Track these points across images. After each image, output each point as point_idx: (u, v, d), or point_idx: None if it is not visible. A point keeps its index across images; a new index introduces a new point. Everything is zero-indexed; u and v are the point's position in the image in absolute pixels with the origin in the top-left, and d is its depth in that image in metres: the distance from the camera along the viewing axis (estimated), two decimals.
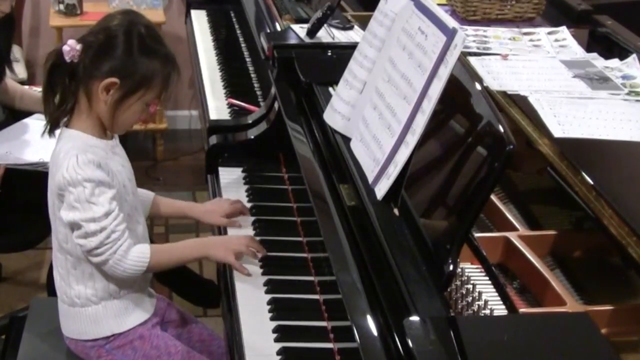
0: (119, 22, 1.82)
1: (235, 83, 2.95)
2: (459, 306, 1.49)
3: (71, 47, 1.79)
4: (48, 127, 1.87)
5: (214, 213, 2.14)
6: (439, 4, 1.68)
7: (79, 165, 1.77)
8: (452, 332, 1.28)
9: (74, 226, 1.81)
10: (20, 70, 3.91)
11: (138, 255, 1.85)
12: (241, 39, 3.30)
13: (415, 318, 1.32)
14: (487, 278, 1.53)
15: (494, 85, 1.92)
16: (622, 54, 2.13)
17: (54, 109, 1.85)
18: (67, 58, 1.79)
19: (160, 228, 3.64)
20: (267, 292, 1.89)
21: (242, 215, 2.14)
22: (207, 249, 1.97)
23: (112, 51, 1.79)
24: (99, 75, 1.79)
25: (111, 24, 1.82)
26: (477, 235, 1.61)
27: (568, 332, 1.32)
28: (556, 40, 2.23)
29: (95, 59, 1.79)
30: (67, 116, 1.86)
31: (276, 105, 2.34)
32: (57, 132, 1.88)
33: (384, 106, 1.70)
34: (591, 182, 1.53)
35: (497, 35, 2.26)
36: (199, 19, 3.55)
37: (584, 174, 1.56)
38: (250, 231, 2.11)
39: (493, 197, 1.76)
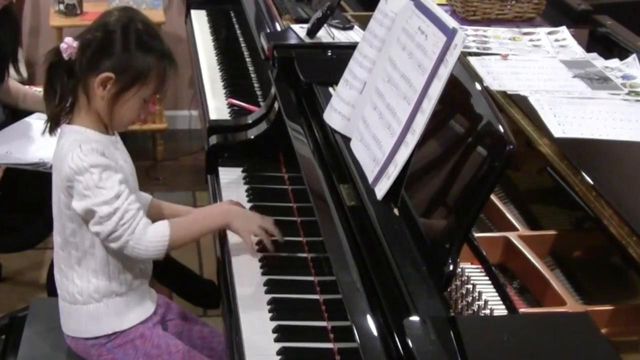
0: (117, 19, 1.83)
1: (235, 83, 2.95)
2: (459, 306, 1.49)
3: (68, 45, 1.80)
4: (49, 125, 1.87)
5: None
6: (439, 4, 1.68)
7: (84, 153, 1.78)
8: (452, 332, 1.28)
9: (87, 214, 1.80)
10: (21, 70, 3.92)
11: (157, 231, 1.83)
12: (241, 39, 3.30)
13: (415, 318, 1.32)
14: (487, 278, 1.53)
15: (494, 85, 1.92)
16: (622, 54, 2.13)
17: (55, 107, 1.85)
18: (65, 56, 1.80)
19: None
20: (267, 292, 1.89)
21: None
22: (229, 218, 1.95)
23: (109, 47, 1.80)
24: (95, 71, 1.80)
25: (108, 20, 1.83)
26: (477, 235, 1.61)
27: (568, 332, 1.32)
28: (556, 40, 2.23)
29: (92, 56, 1.80)
30: (67, 114, 1.86)
31: (276, 105, 2.34)
32: (58, 130, 1.89)
33: (384, 106, 1.70)
34: (591, 182, 1.53)
35: (497, 35, 2.26)
36: (199, 19, 3.55)
37: (584, 174, 1.56)
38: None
39: (493, 197, 1.76)
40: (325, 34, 2.28)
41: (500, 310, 1.46)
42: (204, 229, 1.98)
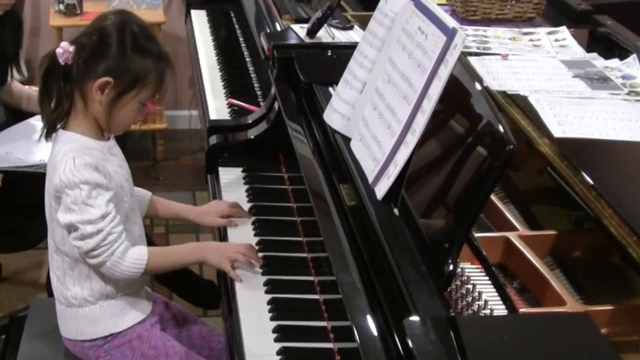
0: (112, 22, 1.82)
1: (235, 83, 2.95)
2: (459, 306, 1.49)
3: (64, 50, 1.79)
4: (45, 131, 1.87)
5: (209, 214, 2.14)
6: (439, 4, 1.68)
7: (76, 167, 1.77)
8: (452, 332, 1.28)
9: (70, 228, 1.81)
10: (22, 69, 3.91)
11: (136, 257, 1.85)
12: (241, 39, 3.30)
13: (415, 318, 1.32)
14: (487, 278, 1.53)
15: (494, 85, 1.92)
16: (622, 54, 2.13)
17: (51, 112, 1.84)
18: (61, 61, 1.79)
19: (160, 228, 3.64)
20: (267, 292, 1.89)
21: (240, 217, 2.14)
22: (203, 254, 1.96)
23: (106, 51, 1.79)
24: (93, 75, 1.79)
25: (104, 24, 1.82)
26: (477, 235, 1.61)
27: (568, 332, 1.32)
28: (556, 40, 2.23)
29: (89, 60, 1.79)
30: (63, 119, 1.85)
31: (276, 105, 2.34)
32: (54, 135, 1.88)
33: (384, 106, 1.70)
34: (591, 182, 1.53)
35: (497, 35, 2.26)
36: (199, 19, 3.55)
37: (584, 174, 1.56)
38: (249, 231, 2.11)
39: (493, 197, 1.76)
40: (325, 34, 2.28)
41: (500, 310, 1.46)
42: (178, 262, 2.00)
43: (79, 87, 1.81)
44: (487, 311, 1.46)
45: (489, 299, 1.48)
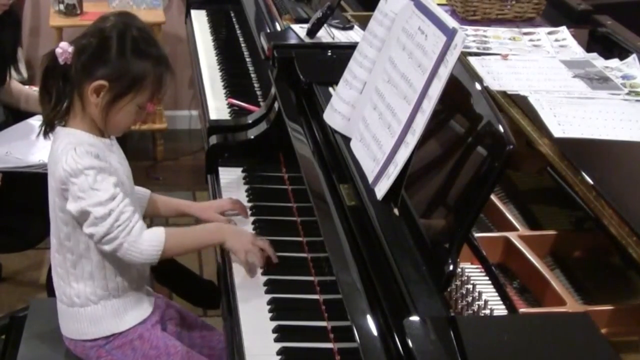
0: (112, 25, 1.81)
1: (235, 83, 2.95)
2: (459, 306, 1.49)
3: (63, 50, 1.79)
4: (43, 128, 1.87)
5: (211, 209, 2.14)
6: (439, 4, 1.68)
7: (78, 155, 1.77)
8: (452, 332, 1.28)
9: (82, 215, 1.79)
10: (21, 70, 3.92)
11: (153, 236, 1.82)
12: (241, 39, 3.30)
13: (415, 318, 1.32)
14: (487, 278, 1.53)
15: (494, 85, 1.92)
16: (622, 54, 2.13)
17: (49, 110, 1.85)
18: (60, 60, 1.79)
19: None
20: (267, 292, 1.89)
21: (240, 216, 2.14)
22: (224, 236, 1.93)
23: (105, 54, 1.79)
24: (90, 77, 1.79)
25: (104, 26, 1.82)
26: (477, 235, 1.61)
27: (568, 332, 1.32)
28: (556, 40, 2.23)
29: (87, 62, 1.79)
30: (62, 118, 1.86)
31: (276, 105, 2.34)
32: (53, 132, 1.88)
33: (384, 106, 1.70)
34: (591, 182, 1.53)
35: (497, 35, 2.26)
36: (199, 19, 3.55)
37: (584, 174, 1.56)
38: (249, 231, 2.10)
39: (493, 197, 1.76)
40: (325, 34, 2.28)
41: (500, 310, 1.46)
42: (198, 242, 1.98)
43: (77, 88, 1.81)
44: (487, 311, 1.46)
45: (489, 299, 1.48)
